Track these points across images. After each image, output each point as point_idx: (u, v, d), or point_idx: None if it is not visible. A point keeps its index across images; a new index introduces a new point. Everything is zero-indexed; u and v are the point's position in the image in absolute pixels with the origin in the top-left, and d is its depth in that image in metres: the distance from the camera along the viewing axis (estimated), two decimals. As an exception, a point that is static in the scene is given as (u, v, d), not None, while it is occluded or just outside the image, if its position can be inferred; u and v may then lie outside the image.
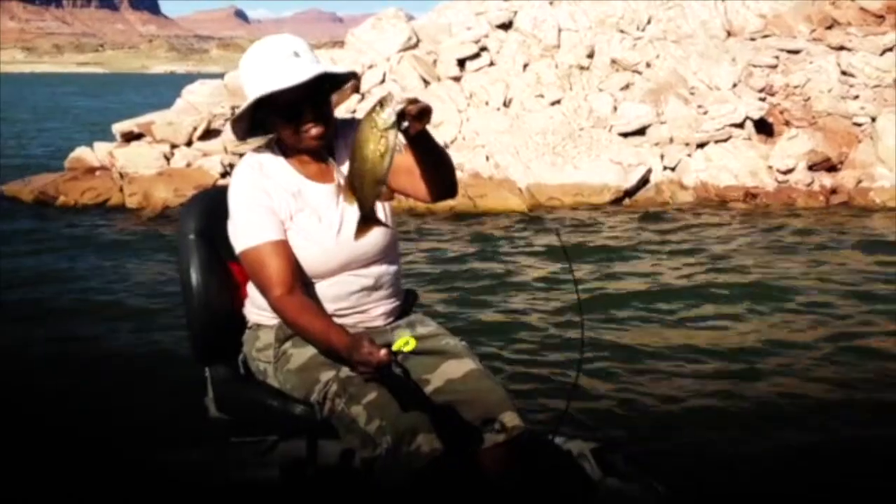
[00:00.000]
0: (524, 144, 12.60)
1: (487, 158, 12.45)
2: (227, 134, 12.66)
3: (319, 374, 2.30)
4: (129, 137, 12.88)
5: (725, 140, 12.73)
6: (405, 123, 2.06)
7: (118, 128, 13.01)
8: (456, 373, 2.38)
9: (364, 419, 2.20)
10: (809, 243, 9.36)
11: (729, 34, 15.11)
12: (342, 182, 2.29)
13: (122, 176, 12.15)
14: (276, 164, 2.38)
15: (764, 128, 13.02)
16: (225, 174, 11.94)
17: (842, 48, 14.21)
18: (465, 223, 10.69)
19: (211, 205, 2.60)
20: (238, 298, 2.55)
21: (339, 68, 2.39)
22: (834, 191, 12.07)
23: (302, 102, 2.28)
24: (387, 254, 2.44)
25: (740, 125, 12.82)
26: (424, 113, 2.09)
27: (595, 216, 11.05)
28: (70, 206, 11.52)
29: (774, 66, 14.06)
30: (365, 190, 2.08)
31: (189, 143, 12.66)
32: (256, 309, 2.46)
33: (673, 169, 12.53)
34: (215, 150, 12.49)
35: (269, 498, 2.64)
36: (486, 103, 13.54)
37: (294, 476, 2.62)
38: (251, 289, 2.45)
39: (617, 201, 11.92)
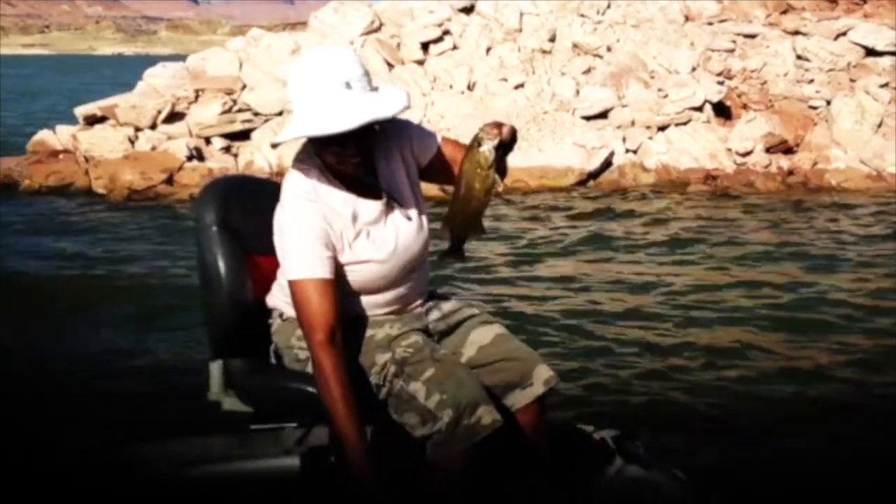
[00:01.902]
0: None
1: (453, 141, 12.55)
2: (192, 117, 12.64)
3: (375, 357, 2.32)
4: (92, 121, 12.79)
5: (685, 123, 12.99)
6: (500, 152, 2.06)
7: (81, 111, 12.91)
8: (485, 339, 2.45)
9: (424, 395, 2.24)
10: (768, 223, 9.66)
11: (687, 19, 15.36)
12: (387, 194, 2.33)
13: (86, 159, 12.07)
14: (329, 187, 2.30)
15: (722, 111, 13.30)
16: (191, 157, 11.94)
17: (797, 33, 14.53)
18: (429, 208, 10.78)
19: (228, 195, 2.58)
20: (261, 290, 2.53)
21: (391, 106, 2.22)
22: (791, 172, 12.40)
23: (346, 136, 2.19)
24: (427, 252, 2.48)
25: (699, 108, 13.08)
26: (514, 135, 2.14)
27: (560, 198, 11.25)
28: (35, 190, 11.43)
29: (732, 51, 14.34)
30: (466, 227, 2.13)
31: (153, 127, 12.60)
32: (288, 297, 2.37)
33: (635, 151, 12.77)
34: (180, 134, 12.46)
35: (291, 485, 2.64)
36: (451, 87, 13.65)
37: (316, 463, 2.61)
38: (282, 278, 2.40)
39: (581, 183, 12.14)
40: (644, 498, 2.53)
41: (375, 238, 2.31)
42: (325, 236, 2.25)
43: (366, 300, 2.37)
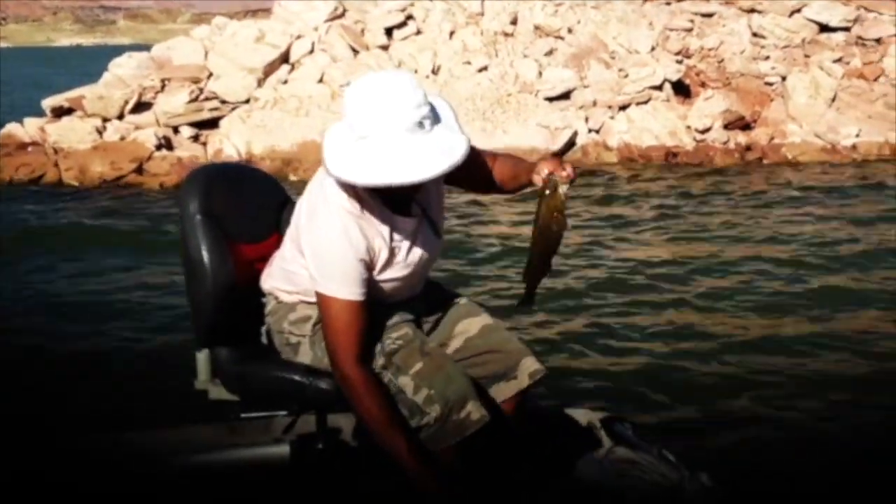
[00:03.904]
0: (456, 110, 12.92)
1: (419, 125, 12.74)
2: (159, 106, 12.72)
3: None
4: (60, 112, 12.83)
5: (646, 102, 13.28)
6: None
7: (48, 103, 12.94)
8: (472, 330, 2.43)
9: (412, 389, 2.22)
10: (728, 197, 9.98)
11: (646, -1, 15.65)
12: (420, 211, 2.28)
13: (55, 151, 12.12)
14: (371, 202, 2.18)
15: (681, 89, 13.60)
16: (160, 146, 12.03)
17: (752, 11, 14.85)
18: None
19: (211, 183, 2.56)
20: (245, 278, 2.51)
21: (461, 145, 2.10)
22: (748, 148, 12.74)
23: None
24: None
25: (659, 87, 13.38)
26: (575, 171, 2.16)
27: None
28: (6, 183, 11.47)
29: (690, 30, 14.64)
30: (544, 270, 2.18)
31: (121, 117, 12.66)
32: (291, 286, 2.37)
33: (597, 131, 13.04)
34: (148, 123, 12.53)
35: (281, 472, 2.61)
36: (415, 71, 13.80)
37: (306, 451, 2.58)
38: (287, 265, 2.36)
39: (546, 163, 12.35)
40: (633, 479, 2.51)
41: (405, 255, 2.26)
42: (366, 254, 2.17)
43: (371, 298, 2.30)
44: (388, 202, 2.20)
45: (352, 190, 2.14)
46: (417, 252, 2.28)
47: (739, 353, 4.99)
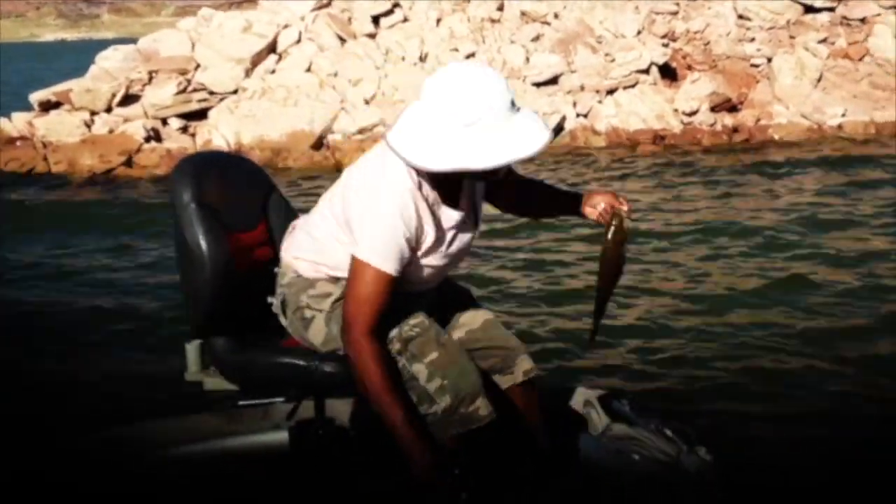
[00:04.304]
0: (442, 97, 12.96)
1: (408, 112, 12.78)
2: (147, 98, 12.72)
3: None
4: (47, 106, 12.83)
5: (633, 86, 13.34)
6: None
7: (36, 97, 12.94)
8: (474, 323, 2.48)
9: (425, 377, 2.24)
10: (716, 178, 10.06)
11: (631, -17, 15.68)
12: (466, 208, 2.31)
13: (44, 145, 12.12)
14: (428, 187, 2.22)
15: (668, 72, 13.66)
16: (149, 138, 12.03)
17: (737, -7, 14.92)
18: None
19: (203, 171, 2.55)
20: (240, 267, 2.51)
21: (544, 124, 2.17)
22: (735, 129, 12.81)
23: None
24: None
25: (646, 71, 13.43)
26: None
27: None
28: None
29: (675, 13, 14.70)
30: (607, 300, 2.29)
31: (109, 110, 12.67)
32: (319, 258, 2.37)
33: (585, 115, 13.10)
34: (136, 116, 12.53)
35: (282, 459, 2.62)
36: (403, 59, 13.85)
37: (305, 437, 2.59)
38: (318, 237, 2.36)
39: (534, 148, 12.40)
40: (631, 455, 2.53)
41: (447, 245, 2.30)
42: (414, 235, 2.20)
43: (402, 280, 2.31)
44: (444, 194, 2.24)
45: (416, 176, 2.18)
46: (457, 244, 2.32)
47: (734, 328, 5.06)
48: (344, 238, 2.28)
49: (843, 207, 8.24)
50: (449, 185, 2.24)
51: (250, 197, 2.71)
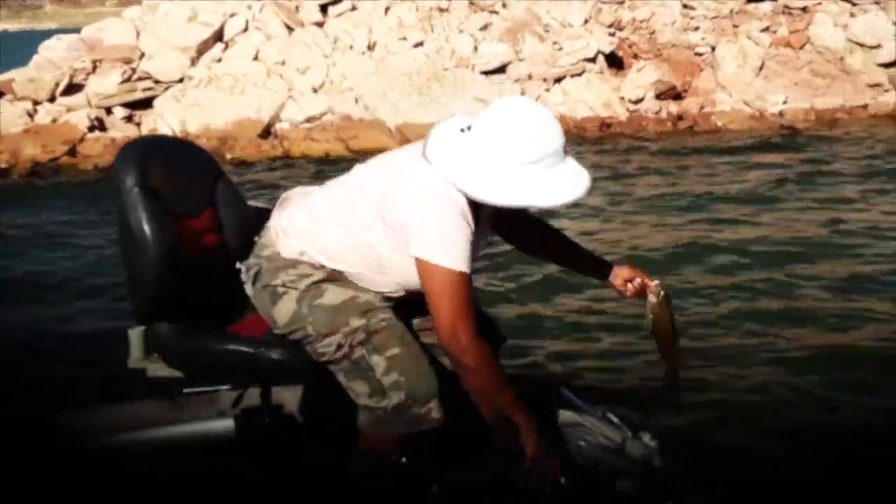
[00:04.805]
0: (391, 86, 12.98)
1: (356, 101, 12.79)
2: (91, 88, 12.55)
3: (350, 319, 2.30)
4: (-12, 96, 12.60)
5: (580, 74, 13.46)
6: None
7: (-24, 87, 12.69)
8: None
9: (383, 370, 2.27)
10: (660, 165, 10.23)
11: (578, -27, 15.79)
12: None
13: (-15, 135, 11.91)
14: (470, 210, 2.25)
15: (614, 61, 13.80)
16: (93, 128, 11.89)
17: (682, -17, 15.11)
18: (339, 167, 11.02)
19: (148, 156, 2.52)
20: (186, 252, 2.49)
21: (587, 176, 2.27)
22: (680, 117, 13.01)
23: None
24: None
25: (593, 59, 13.56)
26: None
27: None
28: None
29: (622, 2, 14.82)
30: (676, 352, 2.54)
31: (52, 99, 12.47)
32: (304, 246, 2.36)
33: (533, 103, 13.17)
34: (80, 105, 12.35)
35: (228, 446, 2.58)
36: (351, 47, 13.81)
37: (251, 424, 2.57)
38: (315, 226, 2.36)
39: (483, 136, 12.48)
40: (578, 442, 2.56)
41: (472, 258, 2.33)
42: (470, 236, 2.24)
43: (388, 284, 2.36)
44: (474, 217, 2.26)
45: (462, 198, 2.20)
46: (473, 255, 2.34)
47: (682, 314, 4.97)
48: (365, 231, 2.28)
49: (784, 191, 8.41)
50: (477, 211, 2.27)
51: (197, 182, 2.68)
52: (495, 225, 2.48)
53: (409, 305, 2.42)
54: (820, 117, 12.91)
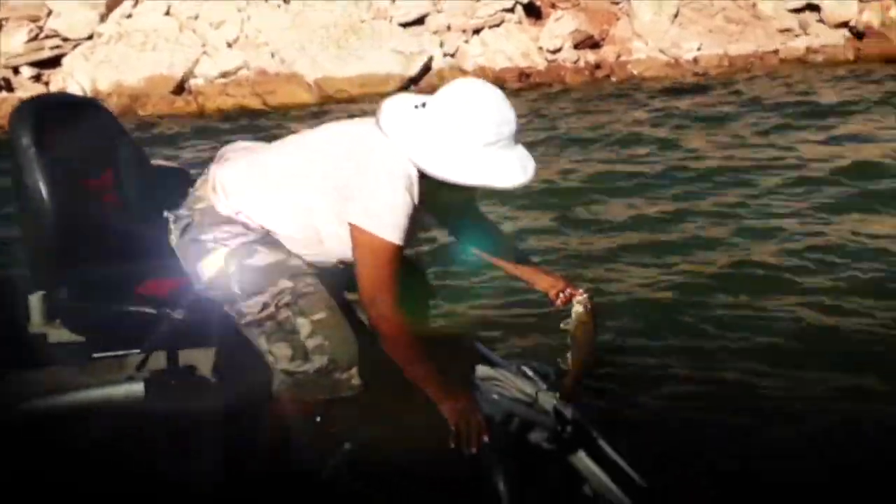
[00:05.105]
0: (308, 39, 12.79)
1: (273, 55, 12.58)
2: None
3: (278, 280, 2.28)
4: None
5: (499, 25, 13.44)
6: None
7: None
8: None
9: (306, 333, 2.26)
10: (580, 113, 10.32)
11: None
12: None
13: None
14: (419, 186, 2.26)
15: (533, 11, 13.79)
16: (-1, 88, 11.51)
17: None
18: (256, 122, 10.89)
19: (45, 114, 2.44)
20: (87, 212, 2.42)
21: (532, 164, 2.30)
22: (598, 66, 13.11)
23: None
24: None
25: (511, 10, 13.55)
26: None
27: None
28: None
29: (538, -48, 14.81)
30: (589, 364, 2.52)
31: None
32: (240, 205, 2.33)
33: (453, 55, 13.15)
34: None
35: (136, 409, 2.51)
36: (266, 0, 13.55)
37: (159, 387, 2.50)
38: (257, 181, 2.34)
39: (403, 89, 12.43)
40: (493, 396, 2.56)
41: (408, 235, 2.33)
42: (413, 214, 2.24)
43: (323, 253, 2.35)
44: (421, 195, 2.26)
45: (414, 172, 2.21)
46: (410, 237, 2.35)
47: (595, 268, 5.11)
48: (308, 194, 2.26)
49: (700, 136, 8.59)
50: (422, 189, 2.26)
51: (97, 142, 2.61)
52: (438, 211, 2.49)
53: (342, 277, 2.42)
54: (733, 63, 13.12)
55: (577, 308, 2.50)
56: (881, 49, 13.11)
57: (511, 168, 2.22)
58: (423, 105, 2.26)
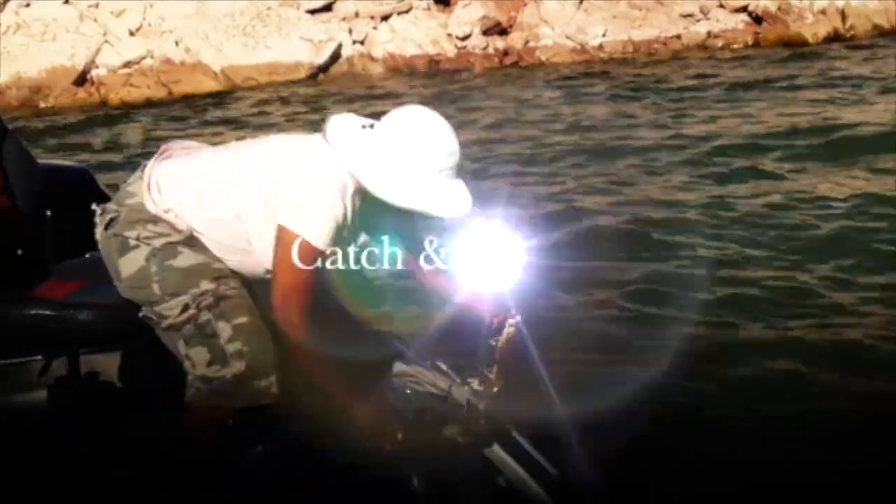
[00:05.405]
0: (213, 27, 12.57)
1: (177, 44, 12.33)
2: None
3: (200, 282, 2.25)
4: None
5: (407, 11, 13.43)
6: None
7: None
8: None
9: (227, 337, 2.23)
10: (489, 99, 10.42)
11: None
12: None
13: None
14: (357, 200, 2.27)
15: (441, -3, 13.85)
16: None
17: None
18: (162, 113, 10.67)
19: None
20: None
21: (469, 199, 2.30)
22: (506, 52, 13.23)
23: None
24: None
25: (420, -4, 13.57)
26: None
27: (294, 92, 11.45)
28: None
29: (445, -62, 14.82)
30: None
31: None
32: (170, 205, 2.29)
33: (362, 42, 13.09)
34: None
35: (40, 418, 2.46)
36: (169, -12, 13.26)
37: (62, 394, 2.44)
38: (188, 183, 2.30)
39: (312, 77, 12.34)
40: (407, 391, 2.56)
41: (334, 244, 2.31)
42: (343, 224, 2.23)
43: (250, 264, 2.32)
44: (355, 209, 2.27)
45: (351, 186, 2.22)
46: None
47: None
48: (240, 198, 2.23)
49: (606, 118, 8.83)
50: (360, 209, 2.27)
51: None
52: (372, 233, 2.46)
53: (267, 287, 2.36)
54: (637, 48, 13.39)
55: (509, 330, 2.54)
56: (778, 33, 13.57)
57: (452, 199, 2.24)
58: (371, 126, 2.27)
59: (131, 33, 12.38)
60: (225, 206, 2.26)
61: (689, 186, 6.29)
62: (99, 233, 2.33)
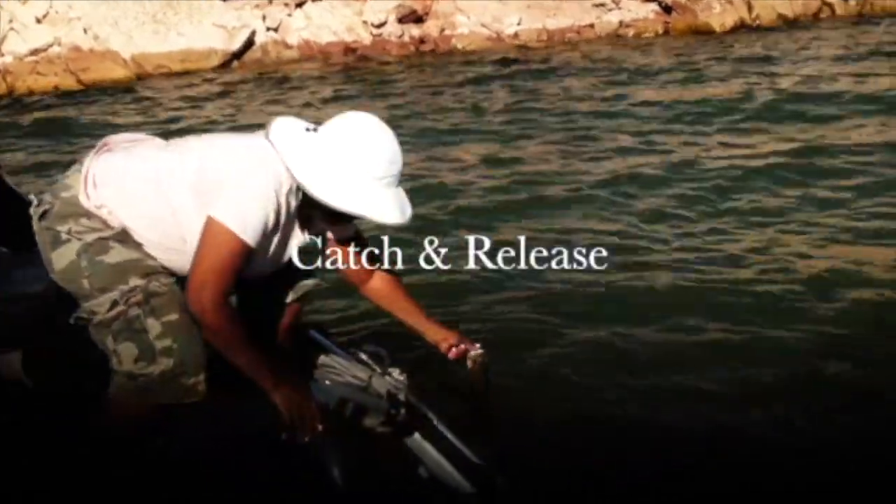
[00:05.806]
0: (122, 14, 12.30)
1: (85, 31, 12.02)
2: None
3: (129, 277, 2.24)
4: None
5: (322, -2, 13.35)
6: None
7: None
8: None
9: (156, 334, 2.23)
10: (404, 87, 10.41)
11: None
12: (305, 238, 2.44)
13: None
14: (294, 195, 2.29)
15: (356, -16, 13.77)
16: None
17: None
18: (72, 101, 10.42)
19: None
20: None
21: (410, 208, 2.35)
22: (422, 40, 13.25)
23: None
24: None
25: (334, -17, 13.47)
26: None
27: (207, 81, 11.28)
28: None
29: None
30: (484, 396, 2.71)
31: None
32: (102, 201, 2.28)
33: (276, 29, 12.96)
34: None
35: None
36: (75, -26, 12.91)
37: (11, 391, 2.44)
38: (123, 179, 2.29)
39: (226, 64, 12.18)
40: (323, 381, 2.55)
41: (268, 253, 2.35)
42: (272, 223, 2.25)
43: (182, 262, 2.29)
44: (302, 212, 2.33)
45: (292, 182, 2.24)
46: (271, 260, 2.37)
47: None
48: (176, 192, 2.23)
49: (520, 103, 8.95)
50: (302, 211, 2.32)
51: None
52: (328, 239, 2.55)
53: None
54: (551, 37, 13.56)
55: (470, 364, 2.63)
56: (687, 22, 13.90)
57: (392, 205, 2.26)
58: (315, 130, 2.29)
59: (38, 20, 12.02)
60: (161, 202, 2.26)
61: (591, 160, 6.54)
62: (34, 223, 2.31)
